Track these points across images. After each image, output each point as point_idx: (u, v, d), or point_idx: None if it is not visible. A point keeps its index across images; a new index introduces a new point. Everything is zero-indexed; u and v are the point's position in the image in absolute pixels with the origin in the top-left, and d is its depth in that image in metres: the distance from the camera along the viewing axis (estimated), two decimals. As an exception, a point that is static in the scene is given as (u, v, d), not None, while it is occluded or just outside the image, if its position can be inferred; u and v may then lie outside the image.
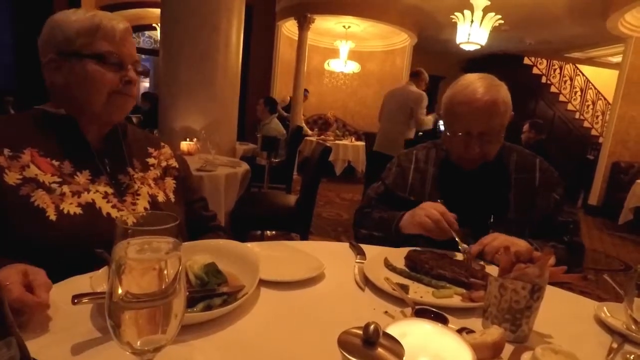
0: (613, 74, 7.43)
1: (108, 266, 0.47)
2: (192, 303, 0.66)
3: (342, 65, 8.45)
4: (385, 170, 1.40)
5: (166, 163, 1.08)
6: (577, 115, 9.92)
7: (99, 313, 0.63)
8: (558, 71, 10.01)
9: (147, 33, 9.67)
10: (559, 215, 1.20)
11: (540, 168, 1.24)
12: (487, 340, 0.58)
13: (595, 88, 9.92)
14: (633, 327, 0.73)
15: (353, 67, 8.64)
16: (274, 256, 0.93)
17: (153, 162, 1.05)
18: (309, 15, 7.13)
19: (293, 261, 0.93)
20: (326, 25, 7.93)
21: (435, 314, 0.69)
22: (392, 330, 0.49)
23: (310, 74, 8.45)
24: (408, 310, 0.72)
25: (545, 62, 9.91)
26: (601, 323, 0.79)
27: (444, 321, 0.66)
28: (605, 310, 0.80)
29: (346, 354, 0.42)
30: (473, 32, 5.64)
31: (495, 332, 0.59)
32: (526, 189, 1.22)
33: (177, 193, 1.07)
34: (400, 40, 8.45)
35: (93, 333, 0.59)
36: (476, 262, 1.01)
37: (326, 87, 9.13)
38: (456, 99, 1.17)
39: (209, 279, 0.73)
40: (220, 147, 2.90)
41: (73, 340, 0.57)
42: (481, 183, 1.23)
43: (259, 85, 7.62)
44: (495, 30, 5.84)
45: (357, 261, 0.98)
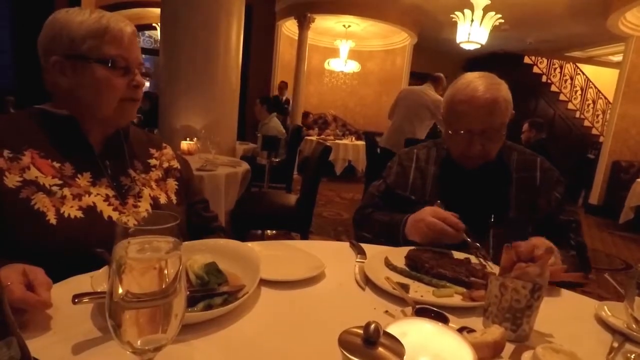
0: (613, 73, 7.43)
1: (108, 266, 0.47)
2: (193, 302, 0.66)
3: (342, 64, 8.46)
4: (386, 168, 1.40)
5: (168, 164, 1.07)
6: (578, 114, 9.92)
7: (100, 312, 0.63)
8: (558, 70, 10.01)
9: (147, 33, 9.66)
10: (561, 214, 1.20)
11: (541, 167, 1.24)
12: (488, 339, 0.58)
13: (595, 87, 9.91)
14: (634, 326, 0.73)
15: (353, 67, 8.65)
16: (275, 255, 0.93)
17: (155, 163, 1.04)
18: (309, 14, 7.14)
19: (293, 261, 0.92)
20: (326, 24, 7.93)
21: (435, 313, 0.69)
22: (393, 329, 0.49)
23: (310, 74, 8.46)
24: (408, 309, 0.72)
25: (545, 61, 9.90)
26: (602, 322, 0.78)
27: (445, 320, 0.66)
28: (605, 309, 0.80)
29: (347, 354, 0.42)
30: (473, 31, 5.64)
31: (495, 332, 0.59)
32: (527, 189, 1.21)
33: (179, 194, 1.05)
34: (400, 39, 8.45)
35: (93, 332, 0.59)
36: (488, 256, 1.00)
37: (326, 87, 9.14)
38: (457, 98, 1.17)
39: (210, 279, 0.73)
40: (220, 147, 2.91)
41: (73, 339, 0.57)
42: (482, 182, 1.22)
43: (259, 84, 7.62)
44: (495, 29, 5.84)
45: (358, 260, 0.98)
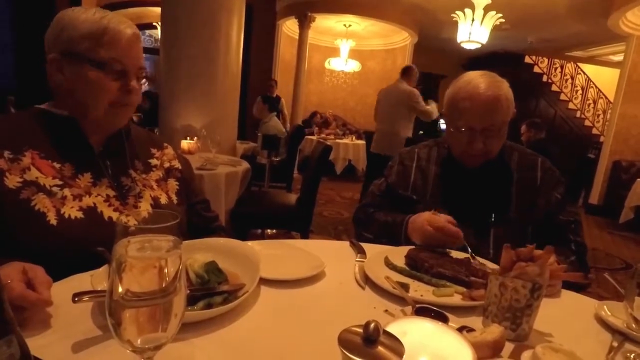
0: (614, 73, 7.42)
1: (109, 264, 0.47)
2: (193, 301, 0.66)
3: (343, 64, 8.45)
4: (387, 167, 1.40)
5: (169, 164, 1.07)
6: (578, 114, 9.91)
7: (100, 311, 0.63)
8: (559, 70, 9.99)
9: (148, 32, 9.65)
10: (561, 214, 1.20)
11: (541, 167, 1.24)
12: (488, 338, 0.58)
13: (596, 87, 9.90)
14: (633, 326, 0.73)
15: (354, 66, 8.64)
16: (275, 255, 0.93)
17: (156, 163, 1.04)
18: (310, 14, 7.13)
19: (293, 260, 0.93)
20: (327, 24, 7.93)
21: (435, 313, 0.69)
22: (393, 328, 0.49)
23: (310, 73, 8.45)
24: (408, 308, 0.72)
25: (546, 61, 9.89)
26: (601, 322, 0.78)
27: (444, 320, 0.66)
28: (605, 308, 0.80)
29: (346, 352, 0.42)
30: (474, 31, 5.63)
31: (495, 331, 0.59)
32: (528, 189, 1.21)
33: (180, 194, 1.05)
34: (401, 38, 8.44)
35: (93, 331, 0.59)
36: (482, 265, 0.99)
37: (327, 86, 9.13)
38: (459, 95, 1.17)
39: (210, 278, 0.73)
40: (220, 146, 2.90)
41: (73, 338, 0.57)
42: (483, 181, 1.22)
43: (260, 84, 7.61)
44: (496, 28, 5.82)
45: (358, 260, 0.98)
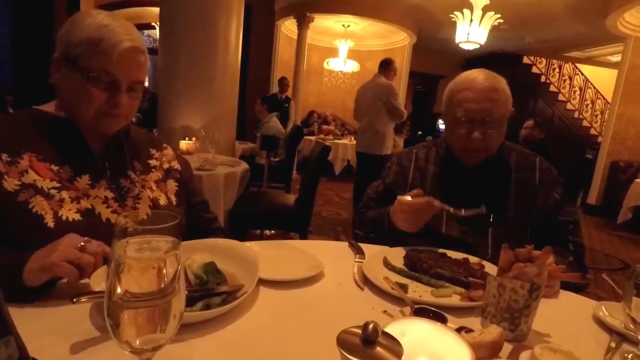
0: (612, 73, 7.43)
1: (107, 265, 0.47)
2: (191, 302, 0.66)
3: (342, 64, 8.44)
4: (385, 169, 1.40)
5: (168, 165, 1.07)
6: (576, 114, 9.92)
7: (98, 312, 0.63)
8: (557, 70, 10.01)
9: (146, 32, 9.64)
10: (559, 214, 1.20)
11: (540, 167, 1.24)
12: (486, 339, 0.58)
13: (594, 87, 9.92)
14: (631, 326, 0.73)
15: (352, 66, 8.64)
16: (273, 255, 0.93)
17: (155, 164, 1.04)
18: (308, 14, 7.13)
19: (292, 260, 0.93)
20: (325, 24, 7.92)
21: (434, 313, 0.69)
22: (391, 329, 0.49)
23: (309, 73, 8.44)
24: (407, 309, 0.72)
25: (544, 61, 9.91)
26: (599, 322, 0.79)
27: (443, 320, 0.66)
28: (603, 309, 0.80)
29: (345, 353, 0.42)
30: (472, 31, 5.64)
31: (494, 331, 0.60)
32: (526, 189, 1.22)
33: (179, 195, 1.05)
34: (399, 39, 8.44)
35: (92, 332, 0.59)
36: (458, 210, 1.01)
37: (325, 86, 9.12)
38: (457, 88, 1.20)
39: (208, 278, 0.73)
40: (219, 146, 2.90)
41: (72, 339, 0.57)
42: (482, 180, 1.23)
43: (259, 84, 7.61)
44: (494, 29, 5.84)
45: (356, 260, 0.98)
